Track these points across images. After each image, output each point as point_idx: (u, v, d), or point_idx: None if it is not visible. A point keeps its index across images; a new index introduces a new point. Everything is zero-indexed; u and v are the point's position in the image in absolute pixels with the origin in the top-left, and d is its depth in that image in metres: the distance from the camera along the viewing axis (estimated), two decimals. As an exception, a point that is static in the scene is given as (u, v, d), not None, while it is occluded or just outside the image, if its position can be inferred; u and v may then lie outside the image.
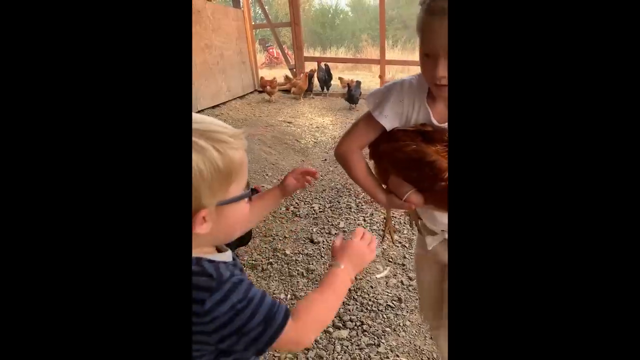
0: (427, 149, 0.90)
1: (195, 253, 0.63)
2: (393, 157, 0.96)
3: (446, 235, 1.12)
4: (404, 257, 2.33)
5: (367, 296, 1.99)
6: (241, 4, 7.29)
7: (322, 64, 7.39)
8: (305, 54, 8.10)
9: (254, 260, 2.35)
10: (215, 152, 0.58)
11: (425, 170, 0.89)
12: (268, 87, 6.74)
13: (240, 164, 0.62)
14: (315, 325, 0.67)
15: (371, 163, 1.10)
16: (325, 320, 0.70)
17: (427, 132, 0.96)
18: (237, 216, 0.64)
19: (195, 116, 0.62)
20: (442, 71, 0.84)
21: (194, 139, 0.58)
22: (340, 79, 7.03)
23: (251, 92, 7.24)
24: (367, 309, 1.92)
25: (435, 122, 0.97)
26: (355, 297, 1.99)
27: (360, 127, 1.05)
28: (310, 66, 7.69)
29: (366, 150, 1.10)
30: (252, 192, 0.69)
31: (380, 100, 1.00)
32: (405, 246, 2.45)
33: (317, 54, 15.22)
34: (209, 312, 0.58)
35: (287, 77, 7.47)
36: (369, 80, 8.24)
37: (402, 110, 0.99)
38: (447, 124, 0.95)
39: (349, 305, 1.94)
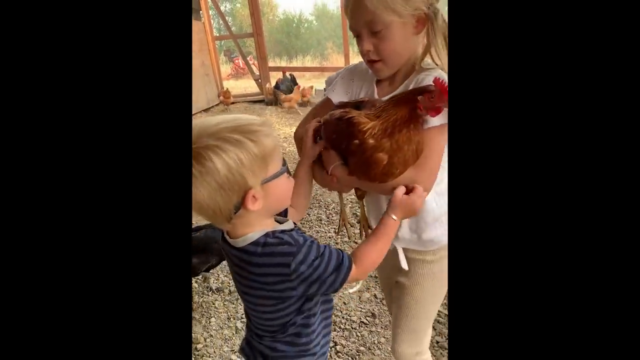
0: (351, 112, 0.84)
1: (262, 227, 0.75)
2: (323, 127, 0.91)
3: (395, 244, 1.05)
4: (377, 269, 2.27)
5: (340, 314, 1.91)
6: (202, 16, 7.16)
7: (287, 74, 7.35)
8: (272, 64, 8.05)
9: (221, 283, 2.23)
10: (250, 142, 0.68)
11: (342, 127, 0.82)
12: (221, 97, 6.96)
13: (273, 147, 0.72)
14: (372, 265, 0.83)
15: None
16: (379, 260, 0.85)
17: (361, 101, 0.92)
18: (282, 188, 0.76)
19: (225, 116, 0.73)
20: (367, 45, 0.86)
21: (230, 134, 0.68)
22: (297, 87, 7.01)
23: (216, 105, 7.10)
24: (340, 327, 1.84)
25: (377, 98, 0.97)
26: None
27: (315, 107, 1.08)
28: (276, 76, 7.63)
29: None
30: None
31: (333, 79, 1.06)
32: (377, 257, 2.39)
33: (283, 63, 15.20)
34: (294, 271, 0.72)
35: (268, 88, 7.38)
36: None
37: (351, 89, 1.01)
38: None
39: (321, 325, 1.85)
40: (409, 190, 0.84)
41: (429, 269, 1.04)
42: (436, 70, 0.86)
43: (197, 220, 2.81)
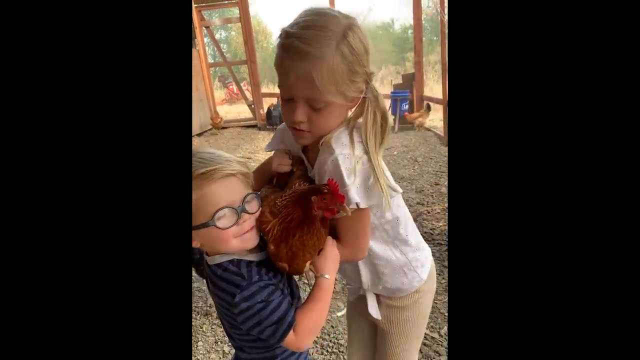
0: (265, 199, 0.83)
1: (233, 255, 0.77)
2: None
3: (361, 291, 1.03)
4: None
5: (327, 337, 1.91)
6: (196, 43, 7.33)
7: (277, 100, 7.51)
8: (265, 90, 8.19)
9: (209, 307, 2.22)
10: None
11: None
12: (211, 122, 7.20)
13: (197, 199, 0.71)
14: (311, 333, 0.80)
15: None
16: (318, 327, 0.83)
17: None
18: (210, 240, 0.76)
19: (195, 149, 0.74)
20: (301, 116, 0.79)
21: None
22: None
23: (209, 129, 7.17)
24: (327, 351, 1.84)
25: (309, 166, 0.93)
26: (315, 339, 1.91)
27: (260, 166, 1.03)
28: (269, 102, 7.76)
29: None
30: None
31: (270, 145, 1.02)
32: (366, 280, 2.40)
33: (276, 90, 15.43)
34: (236, 305, 0.73)
35: (262, 113, 7.51)
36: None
37: (285, 147, 0.98)
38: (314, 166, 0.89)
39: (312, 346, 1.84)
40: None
41: (401, 314, 1.01)
42: (339, 154, 0.79)
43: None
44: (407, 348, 1.05)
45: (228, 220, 0.73)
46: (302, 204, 0.76)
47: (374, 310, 1.00)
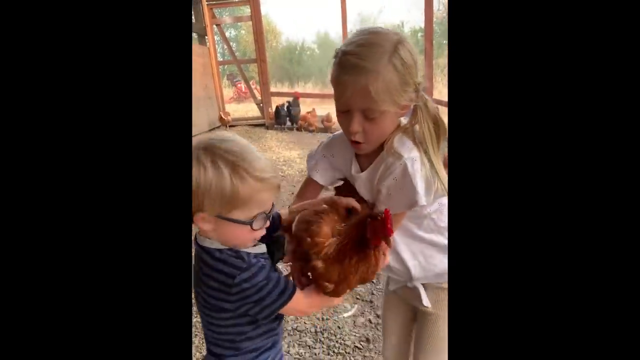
0: (322, 215, 0.83)
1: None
2: (297, 218, 0.89)
3: (409, 284, 1.07)
4: (372, 294, 2.26)
5: (334, 338, 1.90)
6: (207, 41, 7.35)
7: (293, 99, 7.56)
8: (274, 89, 8.20)
9: (215, 304, 2.22)
10: (227, 180, 0.71)
11: (304, 230, 0.82)
12: (220, 119, 7.32)
13: (247, 198, 0.73)
14: (296, 311, 0.86)
15: None
16: (303, 310, 0.87)
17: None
18: (234, 234, 0.77)
19: (239, 140, 0.76)
20: (357, 127, 0.85)
21: (219, 159, 0.72)
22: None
23: (218, 127, 7.19)
24: (334, 351, 1.83)
25: (355, 172, 0.98)
26: (322, 339, 1.90)
27: (302, 188, 1.08)
28: (277, 101, 7.78)
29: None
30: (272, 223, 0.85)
31: (314, 157, 1.05)
32: (373, 282, 2.39)
33: (285, 89, 15.48)
34: (236, 285, 0.74)
35: (270, 112, 7.59)
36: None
37: (334, 164, 1.03)
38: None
39: (315, 348, 1.84)
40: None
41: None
42: (407, 158, 0.85)
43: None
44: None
45: (260, 224, 0.79)
46: (359, 228, 0.78)
47: (425, 299, 1.04)
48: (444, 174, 0.86)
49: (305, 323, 2.01)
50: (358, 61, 0.80)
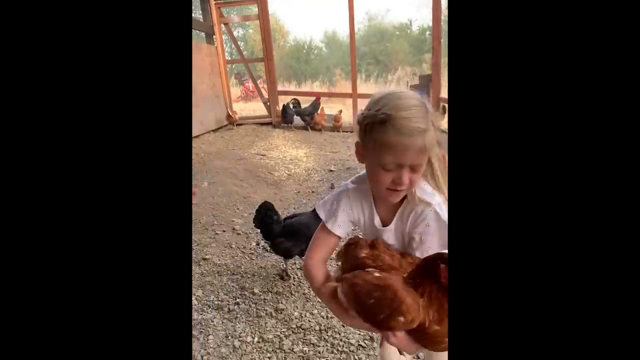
0: (388, 279, 0.83)
1: None
2: (350, 286, 0.88)
3: None
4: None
5: (337, 336, 1.90)
6: (214, 40, 7.38)
7: (292, 98, 7.58)
8: (281, 88, 8.20)
9: (220, 301, 2.23)
10: None
11: (384, 298, 0.80)
12: (227, 118, 7.35)
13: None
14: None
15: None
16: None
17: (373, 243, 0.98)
18: None
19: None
20: (407, 179, 0.89)
21: None
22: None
23: (225, 126, 7.22)
24: (338, 349, 1.82)
25: (379, 226, 1.03)
26: (326, 337, 1.90)
27: (319, 238, 1.09)
28: (284, 99, 7.78)
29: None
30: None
31: (330, 209, 1.07)
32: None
33: (292, 88, 15.48)
34: None
35: (278, 111, 7.61)
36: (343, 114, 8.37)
37: (352, 216, 1.06)
38: (392, 225, 1.02)
39: (319, 347, 1.84)
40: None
41: None
42: (435, 204, 0.94)
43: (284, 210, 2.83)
44: None
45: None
46: (434, 275, 0.79)
47: None
48: None
49: (309, 321, 2.02)
50: (416, 124, 0.85)
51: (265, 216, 2.46)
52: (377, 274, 0.85)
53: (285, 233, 2.39)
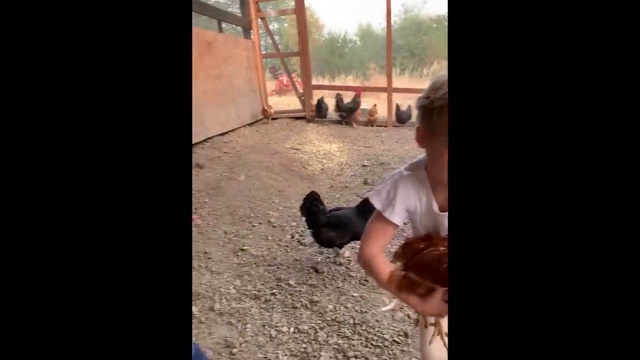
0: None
1: None
2: (427, 263, 0.98)
3: None
4: (411, 289, 2.26)
5: (372, 330, 1.93)
6: (251, 34, 7.49)
7: (337, 93, 7.57)
8: (315, 82, 8.23)
9: (257, 291, 2.30)
10: None
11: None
12: (263, 112, 7.43)
13: None
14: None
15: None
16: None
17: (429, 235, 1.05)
18: None
19: None
20: None
21: None
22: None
23: (260, 120, 7.34)
24: (372, 344, 1.85)
25: (438, 211, 1.01)
26: (360, 331, 1.93)
27: (376, 228, 1.07)
28: (318, 94, 7.81)
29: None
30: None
31: (387, 198, 1.04)
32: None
33: (326, 82, 15.48)
34: None
35: (312, 105, 7.66)
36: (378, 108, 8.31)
37: (409, 204, 1.04)
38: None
39: (353, 340, 1.87)
40: None
41: None
42: None
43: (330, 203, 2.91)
44: None
45: None
46: None
47: None
48: None
49: (344, 314, 2.05)
50: None
51: (311, 205, 2.55)
52: (442, 248, 0.95)
53: (330, 224, 2.49)
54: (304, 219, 2.66)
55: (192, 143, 5.01)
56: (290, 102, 10.26)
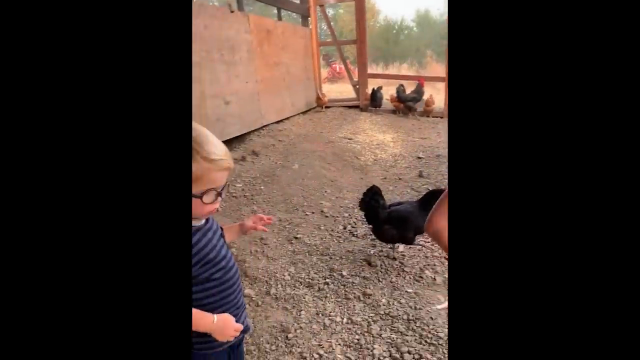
0: None
1: None
2: None
3: None
4: (467, 289, 2.21)
5: (426, 327, 1.91)
6: (309, 22, 7.50)
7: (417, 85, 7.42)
8: (369, 70, 8.11)
9: (310, 279, 2.36)
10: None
11: None
12: (317, 100, 7.48)
13: (198, 176, 0.86)
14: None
15: None
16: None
17: None
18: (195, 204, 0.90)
19: (197, 128, 0.87)
20: None
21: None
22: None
23: (314, 108, 7.38)
24: (426, 341, 1.84)
25: None
26: (414, 327, 1.92)
27: (444, 200, 1.07)
28: (373, 83, 7.70)
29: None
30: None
31: None
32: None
33: (379, 70, 15.21)
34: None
35: (367, 94, 7.61)
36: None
37: None
38: None
39: (407, 335, 1.87)
40: None
41: None
42: None
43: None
44: None
45: (210, 198, 0.92)
46: None
47: None
48: None
49: (397, 310, 2.05)
50: None
51: (371, 200, 2.50)
52: None
53: (392, 220, 2.42)
54: (362, 213, 2.63)
55: (249, 130, 5.16)
56: (342, 90, 10.21)
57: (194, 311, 0.95)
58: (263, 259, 2.57)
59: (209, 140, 0.88)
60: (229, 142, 4.69)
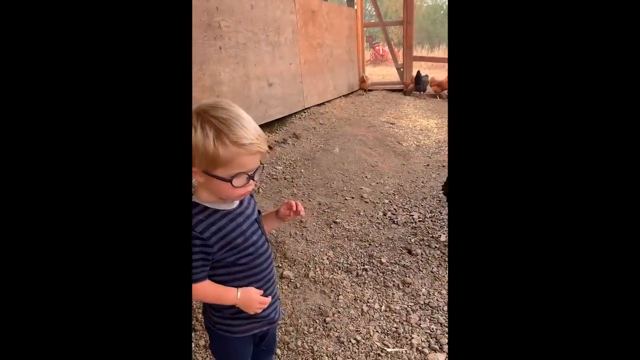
0: None
1: (201, 196, 0.95)
2: None
3: None
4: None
5: (467, 322, 1.86)
6: (355, 3, 7.32)
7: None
8: (414, 53, 7.85)
9: (349, 264, 2.35)
10: (211, 142, 0.84)
11: None
12: (360, 83, 7.40)
13: (227, 160, 0.86)
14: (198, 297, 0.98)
15: None
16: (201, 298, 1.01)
17: None
18: (220, 188, 0.91)
19: (231, 110, 0.87)
20: None
21: (207, 123, 0.84)
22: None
23: (356, 91, 7.27)
24: (466, 335, 1.79)
25: None
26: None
27: None
28: (417, 66, 7.46)
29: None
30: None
31: None
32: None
33: (424, 52, 14.70)
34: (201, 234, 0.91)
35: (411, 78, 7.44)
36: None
37: None
38: None
39: (446, 327, 1.83)
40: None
41: None
42: None
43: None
44: None
45: (240, 182, 0.91)
46: None
47: None
48: None
49: (438, 300, 2.01)
50: None
51: None
52: None
53: None
54: (386, 201, 2.58)
55: (291, 113, 5.17)
56: (385, 73, 9.98)
57: (219, 287, 0.99)
58: (302, 241, 2.60)
59: (241, 124, 0.86)
60: (270, 124, 4.73)
